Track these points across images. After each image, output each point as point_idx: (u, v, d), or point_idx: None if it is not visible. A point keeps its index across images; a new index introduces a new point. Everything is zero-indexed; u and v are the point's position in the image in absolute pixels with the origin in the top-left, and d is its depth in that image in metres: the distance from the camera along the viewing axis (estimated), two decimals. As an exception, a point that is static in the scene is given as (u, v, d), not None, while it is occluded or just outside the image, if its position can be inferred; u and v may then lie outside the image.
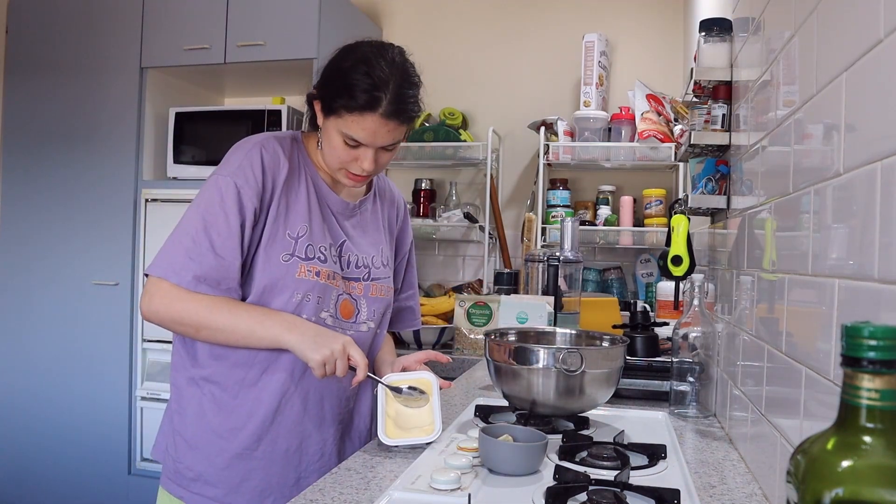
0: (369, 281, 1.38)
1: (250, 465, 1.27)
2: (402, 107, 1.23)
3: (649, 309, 2.19)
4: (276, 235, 1.26)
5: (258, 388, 1.27)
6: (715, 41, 1.52)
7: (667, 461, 1.14)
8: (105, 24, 3.02)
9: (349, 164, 1.27)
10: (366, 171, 1.27)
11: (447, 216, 2.94)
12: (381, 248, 1.43)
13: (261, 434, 1.27)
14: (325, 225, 1.33)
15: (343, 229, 1.36)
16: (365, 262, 1.38)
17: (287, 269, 1.26)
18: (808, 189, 0.87)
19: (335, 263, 1.32)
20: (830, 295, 0.76)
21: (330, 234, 1.33)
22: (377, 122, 1.22)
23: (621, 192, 2.91)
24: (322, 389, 1.32)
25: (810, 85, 0.86)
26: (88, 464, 2.96)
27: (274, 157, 1.29)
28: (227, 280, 1.22)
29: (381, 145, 1.26)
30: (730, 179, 1.50)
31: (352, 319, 1.35)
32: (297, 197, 1.31)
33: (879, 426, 0.45)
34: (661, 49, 2.98)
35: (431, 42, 3.21)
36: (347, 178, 1.30)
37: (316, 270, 1.28)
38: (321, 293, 1.28)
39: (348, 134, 1.23)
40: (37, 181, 3.08)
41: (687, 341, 1.45)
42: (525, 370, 1.26)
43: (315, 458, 1.32)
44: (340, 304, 1.33)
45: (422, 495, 0.96)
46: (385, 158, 1.30)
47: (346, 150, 1.26)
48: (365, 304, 1.37)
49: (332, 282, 1.30)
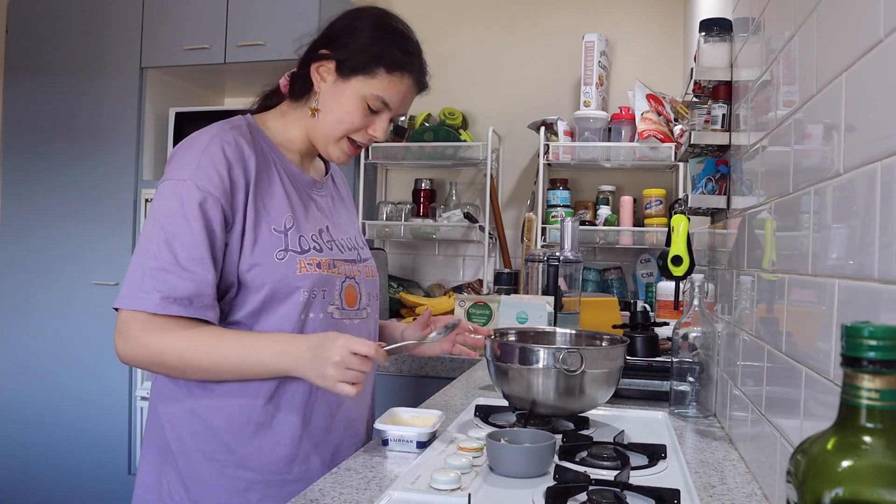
0: (362, 263, 1.31)
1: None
2: (425, 78, 1.23)
3: (649, 309, 2.19)
4: (260, 234, 1.14)
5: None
6: (715, 41, 1.52)
7: (667, 461, 1.14)
8: (105, 24, 3.02)
9: (357, 131, 1.21)
10: (376, 138, 1.22)
11: (447, 216, 2.94)
12: (356, 228, 1.38)
13: (293, 456, 1.18)
14: (307, 211, 1.23)
15: (322, 210, 1.28)
16: (350, 242, 1.30)
17: (286, 268, 1.15)
18: (808, 189, 0.87)
19: (330, 250, 1.23)
20: (830, 295, 0.76)
21: (315, 219, 1.25)
22: (409, 86, 1.21)
23: (621, 192, 2.91)
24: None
25: (810, 85, 0.86)
26: (88, 464, 2.96)
27: (237, 149, 1.15)
28: (200, 297, 1.08)
29: (401, 112, 1.23)
30: (730, 179, 1.50)
31: (356, 306, 1.27)
32: (271, 186, 1.19)
33: (879, 426, 0.45)
34: (661, 49, 2.98)
35: (431, 42, 3.17)
36: (347, 149, 1.23)
37: (316, 262, 1.18)
38: (325, 286, 1.20)
39: (378, 95, 1.18)
40: (37, 181, 3.08)
41: (687, 341, 1.45)
42: (525, 370, 1.26)
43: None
44: (346, 292, 1.25)
45: (422, 495, 0.96)
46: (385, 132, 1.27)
47: (363, 116, 1.19)
48: (364, 288, 1.30)
49: (333, 271, 1.22)
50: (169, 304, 1.07)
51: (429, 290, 3.08)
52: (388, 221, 3.01)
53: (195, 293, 1.08)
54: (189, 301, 1.08)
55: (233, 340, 1.11)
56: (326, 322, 1.20)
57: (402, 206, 3.04)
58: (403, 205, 3.05)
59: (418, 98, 1.29)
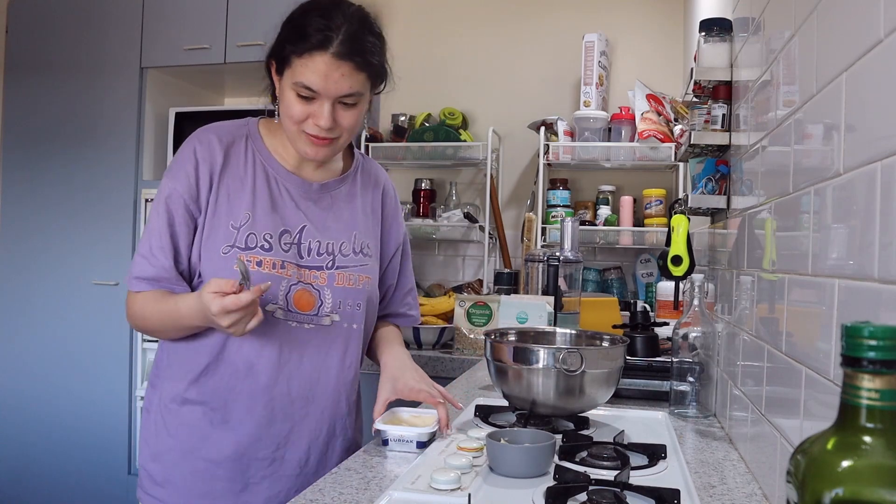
0: (334, 269, 1.29)
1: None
2: (357, 47, 1.16)
3: (649, 309, 2.19)
4: (218, 228, 1.23)
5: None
6: (715, 41, 1.52)
7: (667, 461, 1.14)
8: (105, 24, 3.02)
9: (305, 124, 1.19)
10: (323, 127, 1.18)
11: (447, 216, 2.94)
12: (353, 234, 1.33)
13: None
14: (274, 211, 1.26)
15: (306, 213, 1.29)
16: (330, 248, 1.30)
17: (225, 261, 1.21)
18: (808, 189, 0.87)
19: (285, 251, 1.25)
20: (830, 295, 0.76)
21: (283, 220, 1.27)
22: (328, 63, 1.14)
23: (621, 192, 2.91)
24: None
25: (810, 85, 0.86)
26: (88, 464, 2.96)
27: (208, 148, 1.25)
28: (162, 280, 1.23)
29: (336, 94, 1.17)
30: (730, 179, 1.50)
31: (311, 311, 1.27)
32: (241, 185, 1.26)
33: (879, 426, 0.45)
34: (661, 49, 2.98)
35: (431, 42, 3.21)
36: (308, 143, 1.22)
37: (257, 260, 1.22)
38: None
39: (300, 82, 1.16)
40: (37, 181, 3.08)
41: (687, 341, 1.45)
42: (525, 370, 1.26)
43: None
44: (294, 295, 1.25)
45: (422, 495, 0.96)
46: (347, 118, 1.21)
47: (301, 106, 1.18)
48: (329, 295, 1.28)
49: (279, 271, 1.23)
50: (139, 282, 1.24)
51: (429, 290, 3.08)
52: (388, 221, 3.00)
53: (157, 276, 1.23)
54: (156, 281, 1.23)
55: (166, 302, 1.22)
56: (266, 320, 1.20)
57: (402, 206, 3.03)
58: (403, 205, 3.05)
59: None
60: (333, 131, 1.21)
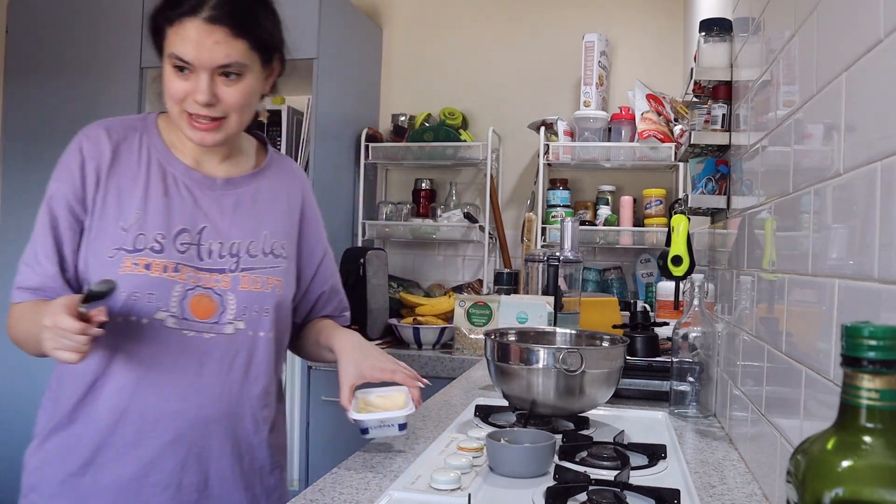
0: (238, 272, 1.17)
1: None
2: (232, 11, 1.07)
3: (649, 309, 2.19)
4: (106, 230, 1.13)
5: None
6: (715, 41, 1.52)
7: (667, 461, 1.14)
8: (105, 24, 3.02)
9: (186, 102, 1.10)
10: (200, 102, 1.08)
11: (447, 216, 2.94)
12: (263, 234, 1.22)
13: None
14: (169, 210, 1.16)
15: (207, 212, 1.18)
16: (235, 249, 1.18)
17: (111, 266, 1.11)
18: (808, 189, 0.87)
19: (181, 252, 1.14)
20: (830, 295, 0.76)
21: (181, 219, 1.16)
22: (199, 29, 1.05)
23: (621, 192, 2.91)
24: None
25: (810, 85, 0.86)
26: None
27: (94, 145, 1.16)
28: (45, 289, 1.13)
29: (211, 64, 1.07)
30: (730, 179, 1.50)
31: (212, 319, 1.15)
32: (133, 183, 1.15)
33: (879, 426, 0.45)
34: (661, 49, 2.98)
35: (431, 42, 3.21)
36: (190, 125, 1.12)
37: (145, 263, 1.11)
38: (154, 289, 1.11)
39: (173, 53, 1.07)
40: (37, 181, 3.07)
41: (687, 341, 1.45)
42: (525, 370, 1.26)
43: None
44: (190, 301, 1.13)
45: (422, 495, 0.96)
46: (231, 94, 1.10)
47: (179, 82, 1.09)
48: (233, 301, 1.16)
49: (171, 275, 1.12)
50: (22, 293, 1.15)
51: (429, 290, 3.08)
52: (388, 221, 3.01)
53: (42, 285, 1.14)
54: (41, 290, 1.14)
55: (34, 312, 1.08)
56: (156, 329, 1.12)
57: (402, 206, 3.04)
58: (403, 205, 3.05)
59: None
60: (216, 109, 1.10)
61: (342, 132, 2.91)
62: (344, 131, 2.93)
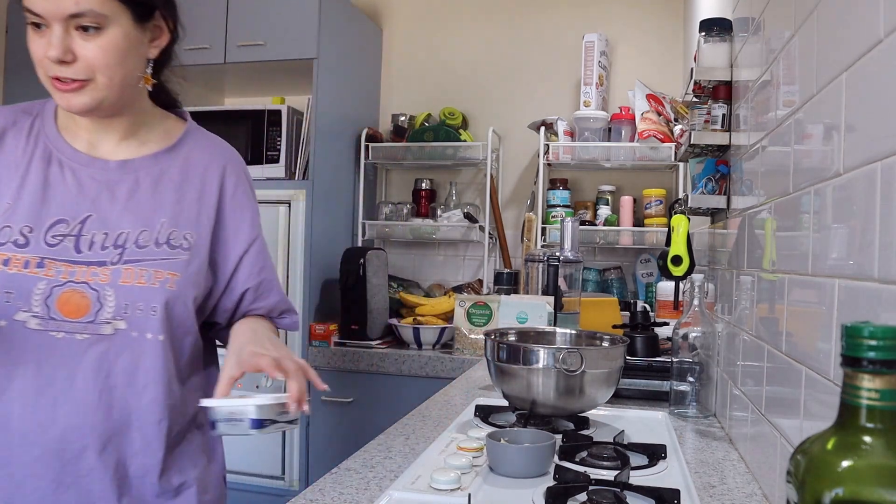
0: (120, 264, 1.04)
1: None
2: None
3: (649, 309, 2.19)
4: None
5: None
6: (715, 41, 1.52)
7: (667, 461, 1.14)
8: (105, 24, 3.02)
9: (45, 62, 0.99)
10: (53, 58, 0.97)
11: (447, 216, 2.94)
12: (161, 222, 1.09)
13: None
14: (46, 200, 1.05)
15: (94, 200, 1.07)
16: (121, 240, 1.06)
17: None
18: (808, 189, 0.87)
19: (51, 246, 1.03)
20: (830, 295, 0.76)
21: (59, 209, 1.05)
22: None
23: (621, 192, 2.91)
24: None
25: (810, 85, 0.86)
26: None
27: None
28: None
29: (61, 13, 0.97)
30: (730, 179, 1.50)
31: (85, 318, 1.02)
32: (13, 171, 1.06)
33: (879, 426, 0.45)
34: (661, 49, 2.98)
35: (431, 42, 3.21)
36: (55, 88, 1.01)
37: (4, 258, 1.00)
38: (12, 287, 1.00)
39: (24, 6, 0.99)
40: (37, 181, 3.08)
41: (687, 341, 1.45)
42: (525, 370, 1.27)
43: None
44: (58, 298, 1.01)
45: (422, 495, 0.96)
46: (91, 49, 0.99)
47: (37, 41, 1.00)
48: (112, 297, 1.03)
49: (33, 271, 1.01)
50: None
51: (429, 290, 3.08)
52: (388, 221, 3.01)
53: None
54: None
55: None
56: (16, 332, 1.01)
57: (402, 207, 3.04)
58: (403, 205, 3.05)
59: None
60: (76, 68, 0.99)
61: (342, 132, 2.91)
62: (344, 131, 2.93)
